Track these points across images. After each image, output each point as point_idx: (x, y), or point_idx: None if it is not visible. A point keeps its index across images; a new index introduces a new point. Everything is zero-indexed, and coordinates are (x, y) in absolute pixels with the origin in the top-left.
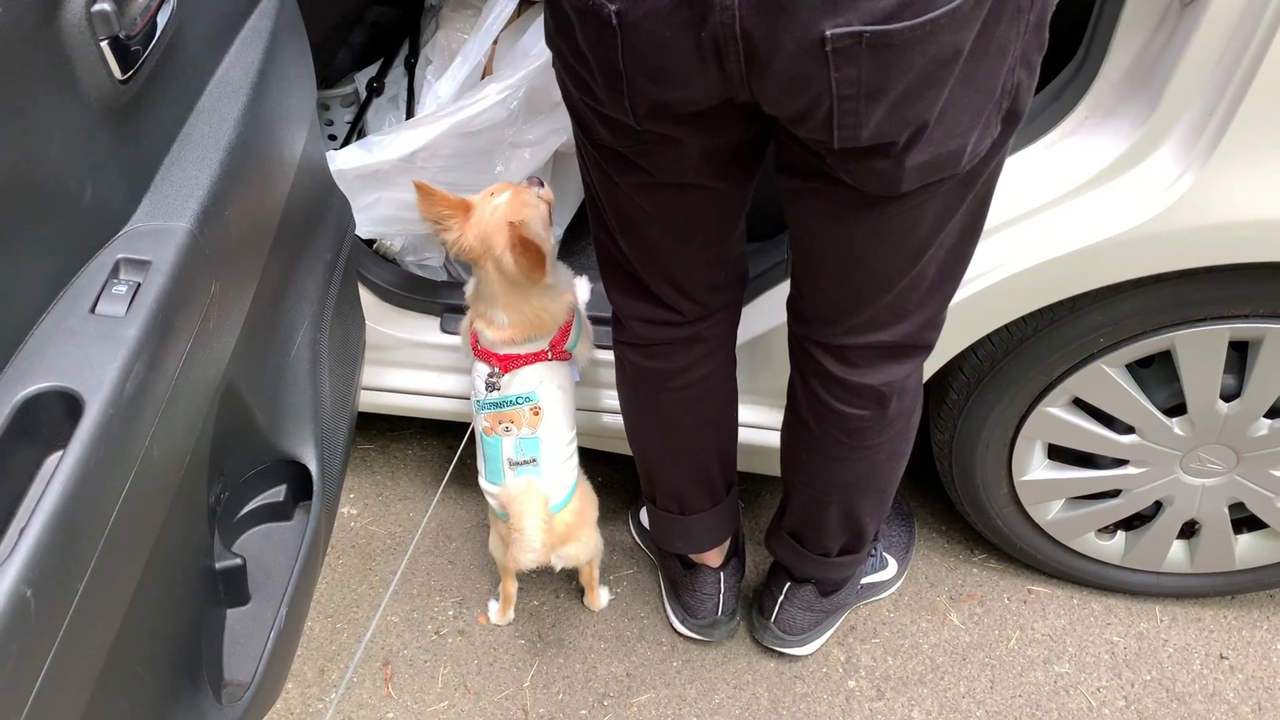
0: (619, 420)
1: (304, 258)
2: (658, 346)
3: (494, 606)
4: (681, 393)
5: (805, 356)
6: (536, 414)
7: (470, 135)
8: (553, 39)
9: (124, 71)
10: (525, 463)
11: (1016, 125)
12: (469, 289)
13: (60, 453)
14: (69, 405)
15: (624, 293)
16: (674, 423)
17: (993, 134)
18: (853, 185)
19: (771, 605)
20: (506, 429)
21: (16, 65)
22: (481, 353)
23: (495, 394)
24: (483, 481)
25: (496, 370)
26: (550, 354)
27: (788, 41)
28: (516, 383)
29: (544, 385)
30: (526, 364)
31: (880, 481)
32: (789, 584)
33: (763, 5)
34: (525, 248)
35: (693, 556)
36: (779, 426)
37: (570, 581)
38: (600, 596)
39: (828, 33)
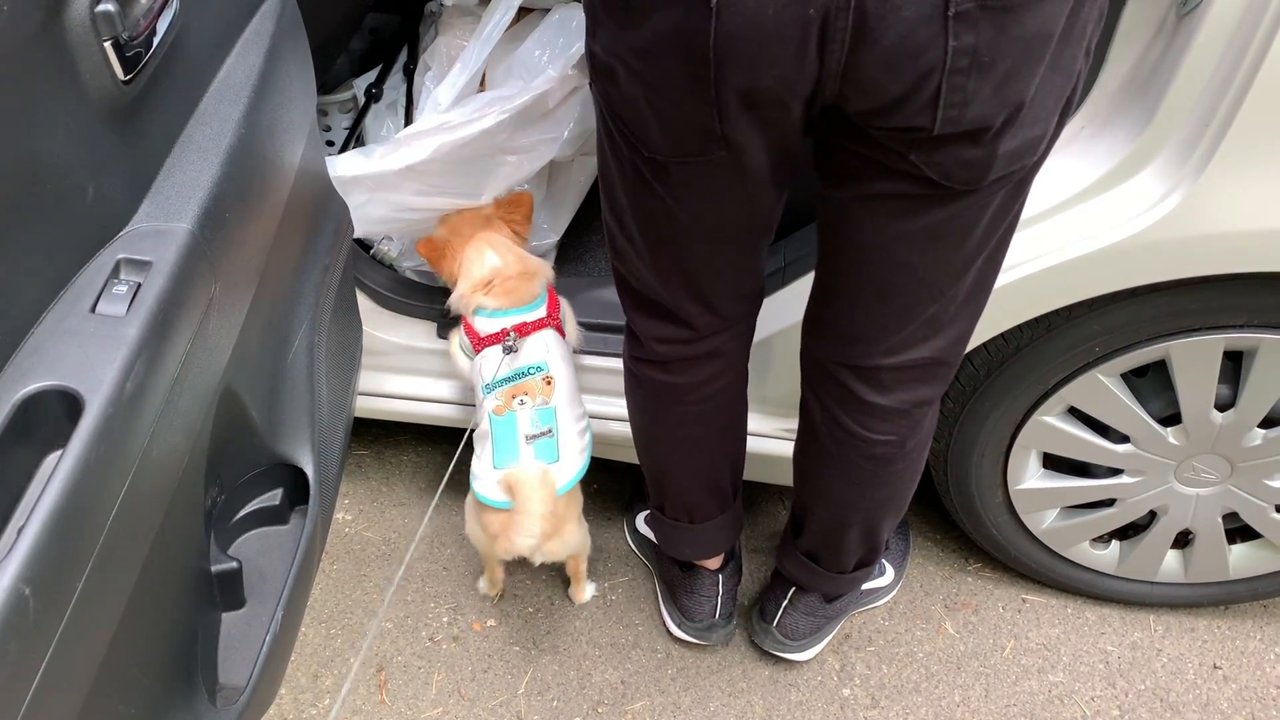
0: (615, 426)
1: (302, 261)
2: (677, 363)
3: (482, 581)
4: (698, 406)
5: (829, 381)
6: (549, 383)
7: (467, 143)
8: (608, 45)
9: (126, 73)
10: (542, 434)
11: (1068, 118)
12: (452, 301)
13: (60, 452)
14: (69, 404)
15: (643, 313)
16: (690, 436)
17: (1056, 129)
18: (931, 179)
19: (774, 610)
20: (521, 402)
21: (20, 64)
22: (488, 339)
23: (507, 368)
24: (484, 470)
25: (513, 334)
26: (550, 321)
27: (907, 9)
28: (526, 352)
29: (551, 354)
30: (536, 330)
31: (900, 500)
32: (794, 590)
33: None
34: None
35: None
36: (779, 434)
37: (564, 588)
38: (585, 590)
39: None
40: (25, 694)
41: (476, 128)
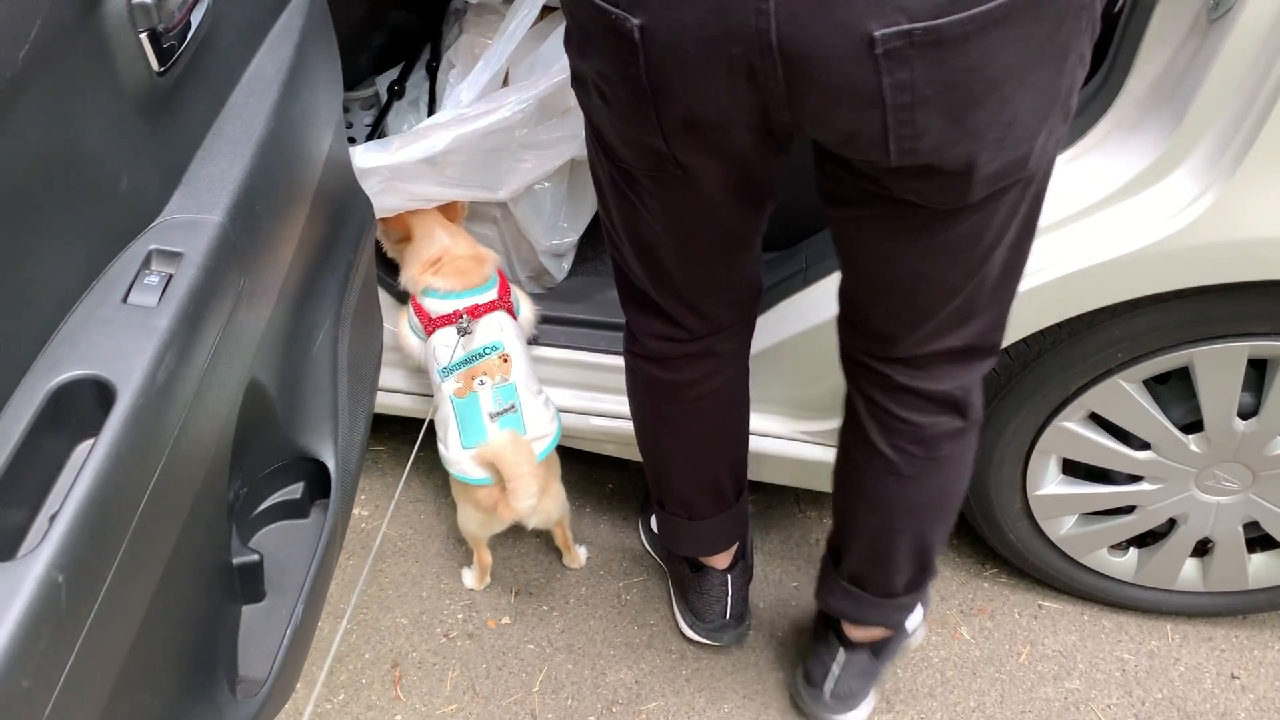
0: (628, 425)
1: (327, 256)
2: (671, 360)
3: (468, 573)
4: (694, 404)
5: (867, 372)
6: (506, 361)
7: (485, 136)
8: (576, 60)
9: (161, 64)
10: (506, 411)
11: (1069, 119)
12: (402, 280)
13: (91, 440)
14: (101, 394)
15: (636, 308)
16: (685, 433)
17: (1057, 136)
18: (916, 202)
19: (823, 674)
20: (480, 382)
21: (58, 54)
22: (440, 321)
23: (462, 350)
24: (454, 453)
25: (465, 317)
26: (501, 304)
27: (832, 49)
28: (480, 333)
29: (505, 334)
30: (488, 311)
31: (951, 502)
32: (842, 650)
33: (801, 11)
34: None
35: (700, 559)
36: (798, 436)
37: (579, 587)
38: (579, 554)
39: (876, 34)
40: (57, 681)
41: (494, 118)
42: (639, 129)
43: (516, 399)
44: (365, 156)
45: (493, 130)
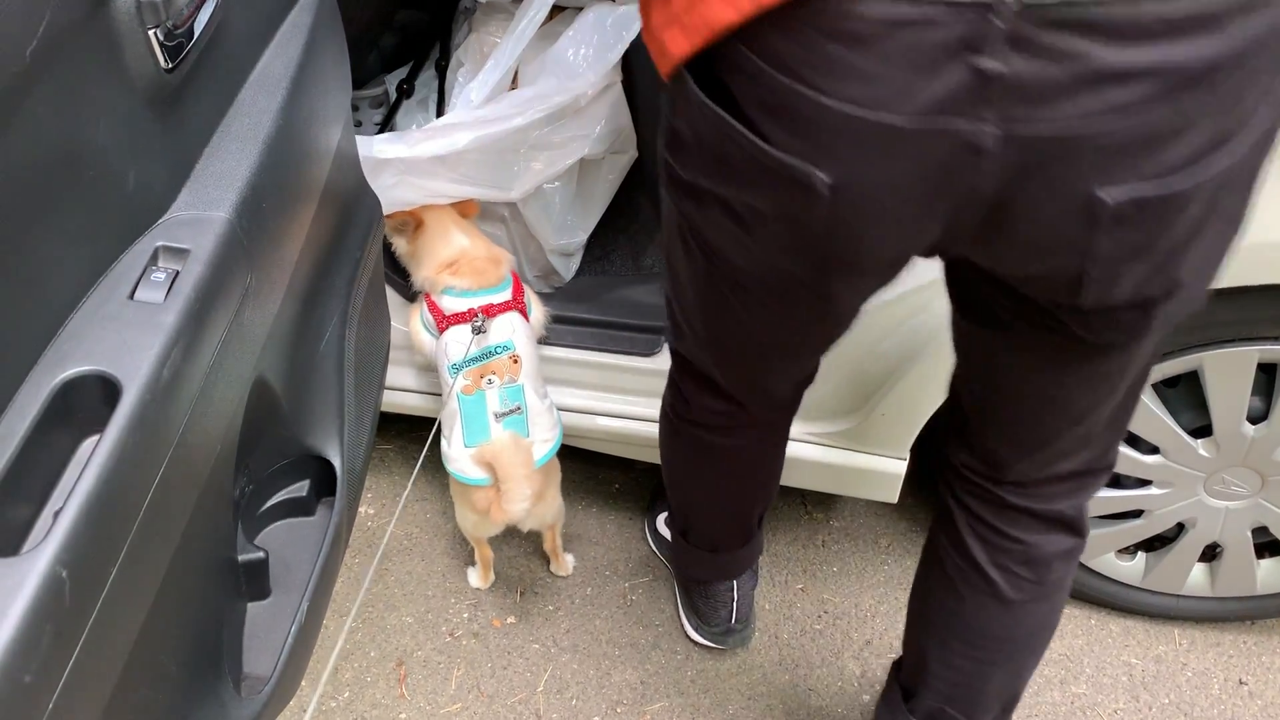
0: (638, 426)
1: (335, 254)
2: (723, 428)
3: (473, 572)
4: (739, 465)
5: (973, 487)
6: (516, 362)
7: (499, 138)
8: (698, 177)
9: (169, 61)
10: (511, 412)
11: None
12: (417, 280)
13: (97, 437)
14: (107, 390)
15: (694, 385)
16: (723, 486)
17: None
18: (1081, 335)
19: None
20: (490, 381)
21: (67, 50)
22: (454, 318)
23: (475, 348)
24: (455, 450)
25: (480, 315)
26: (515, 304)
27: (1050, 207)
28: (494, 332)
29: (517, 335)
30: (502, 311)
31: (1049, 634)
32: None
33: (1024, 171)
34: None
35: None
36: (805, 438)
37: (584, 587)
38: (566, 562)
39: (1109, 200)
40: (60, 677)
41: (512, 124)
42: (784, 259)
43: (523, 401)
44: (383, 147)
45: (508, 132)
